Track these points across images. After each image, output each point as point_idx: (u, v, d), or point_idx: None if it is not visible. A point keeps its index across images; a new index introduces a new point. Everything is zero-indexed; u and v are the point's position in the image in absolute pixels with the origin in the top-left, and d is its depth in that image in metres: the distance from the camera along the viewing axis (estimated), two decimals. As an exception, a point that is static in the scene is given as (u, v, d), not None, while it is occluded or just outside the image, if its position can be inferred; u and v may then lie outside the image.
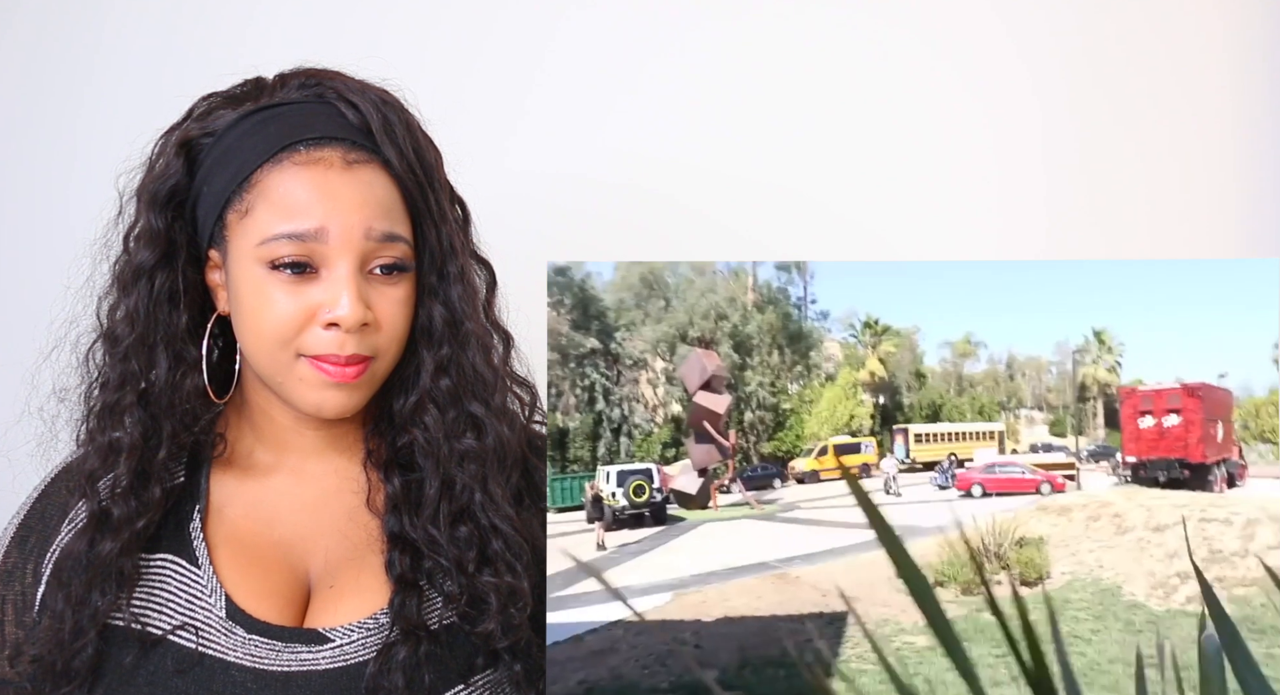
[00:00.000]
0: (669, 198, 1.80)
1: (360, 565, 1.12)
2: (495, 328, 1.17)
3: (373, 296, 1.05)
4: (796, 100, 1.83)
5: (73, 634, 1.03)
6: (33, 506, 1.13)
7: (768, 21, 1.83)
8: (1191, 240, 1.84)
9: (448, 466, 1.10)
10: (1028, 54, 1.84)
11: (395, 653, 1.06)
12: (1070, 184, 1.84)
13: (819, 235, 1.83)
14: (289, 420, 1.13)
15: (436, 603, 1.11)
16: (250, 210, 1.04)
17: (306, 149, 1.03)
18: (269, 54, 1.15)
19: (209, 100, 1.11)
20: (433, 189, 1.09)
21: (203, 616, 1.07)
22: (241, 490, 1.14)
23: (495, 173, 1.52)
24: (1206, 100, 1.84)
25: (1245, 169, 1.84)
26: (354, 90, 1.07)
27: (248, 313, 1.05)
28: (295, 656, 1.06)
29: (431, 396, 1.11)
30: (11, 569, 1.10)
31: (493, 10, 1.81)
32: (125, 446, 1.06)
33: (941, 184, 1.83)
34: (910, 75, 1.83)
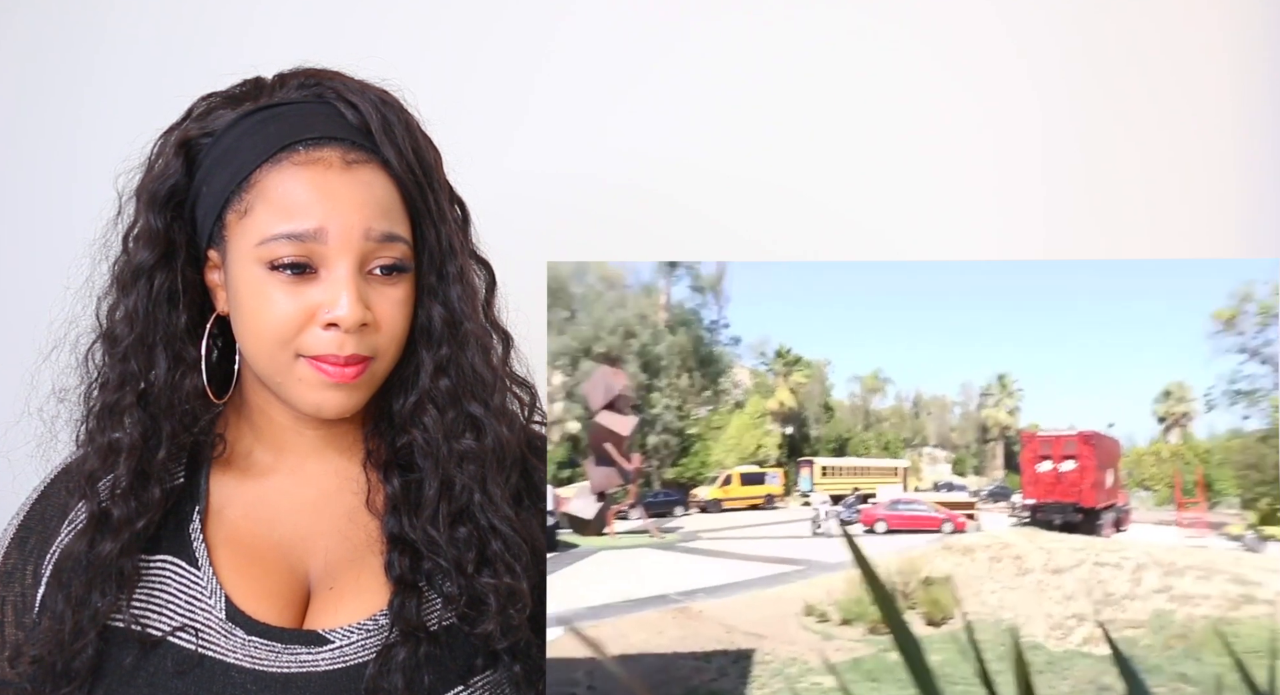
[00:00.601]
0: (669, 198, 1.79)
1: (360, 566, 1.12)
2: (495, 328, 1.17)
3: (372, 297, 1.05)
4: (797, 100, 1.83)
5: (73, 635, 1.03)
6: (32, 507, 1.13)
7: (768, 22, 1.83)
8: (1191, 240, 1.84)
9: (447, 467, 1.10)
10: (1028, 54, 1.84)
11: (395, 654, 1.06)
12: (1070, 184, 1.84)
13: (819, 235, 1.83)
14: (288, 420, 1.13)
15: (436, 604, 1.11)
16: (249, 210, 1.04)
17: (306, 149, 1.03)
18: (269, 54, 1.15)
19: (208, 100, 1.11)
20: (432, 189, 1.09)
21: (202, 618, 1.07)
22: (241, 491, 1.14)
23: (495, 173, 1.52)
24: (1206, 100, 1.84)
25: (1245, 169, 1.84)
26: (353, 90, 1.07)
27: (247, 313, 1.05)
28: (295, 658, 1.06)
29: (431, 397, 1.11)
30: (11, 570, 1.10)
31: (493, 10, 1.81)
32: (125, 447, 1.06)
33: (942, 184, 1.83)
34: (911, 76, 1.83)
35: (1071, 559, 1.51)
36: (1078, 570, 1.47)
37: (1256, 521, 1.44)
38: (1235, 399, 1.45)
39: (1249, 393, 1.41)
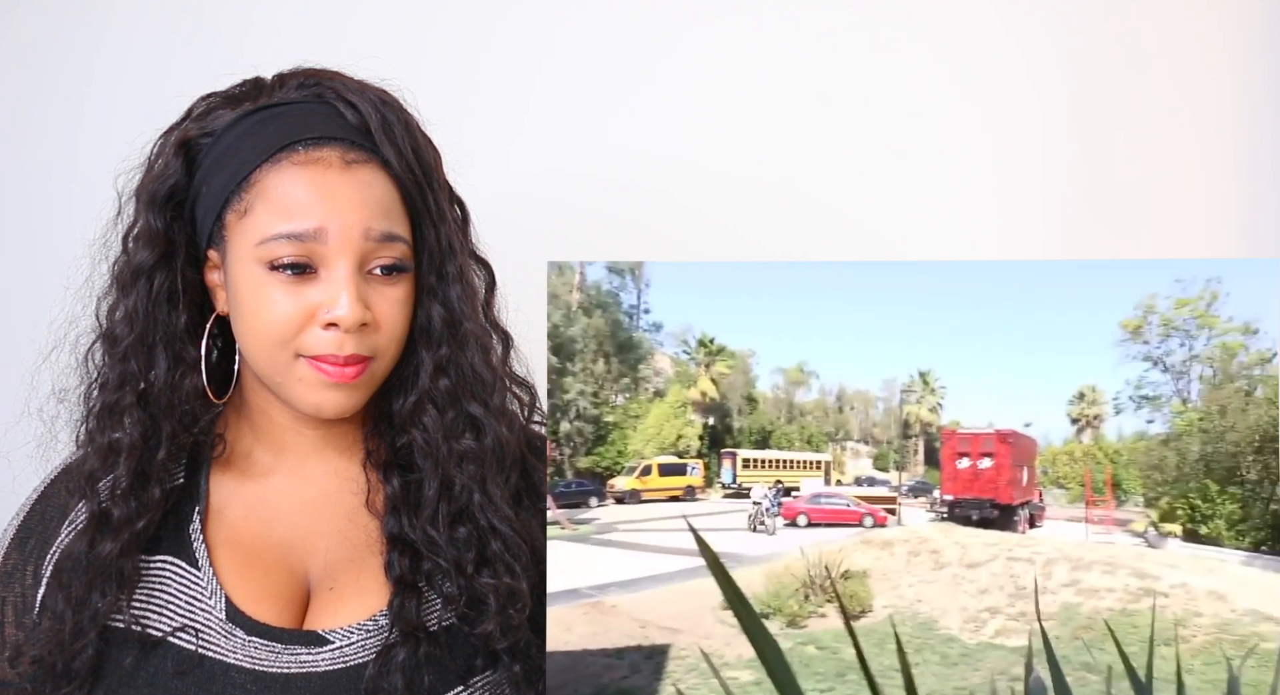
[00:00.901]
0: (670, 198, 1.79)
1: (360, 567, 1.12)
2: (494, 328, 1.17)
3: (372, 297, 1.05)
4: (797, 101, 1.83)
5: (73, 635, 1.03)
6: (32, 508, 1.13)
7: (768, 22, 1.83)
8: (1192, 240, 1.84)
9: (447, 467, 1.10)
10: (1028, 54, 1.84)
11: (394, 654, 1.06)
12: (1070, 184, 1.84)
13: (820, 235, 1.83)
14: (288, 420, 1.13)
15: (436, 604, 1.11)
16: (249, 210, 1.04)
17: (305, 149, 1.03)
18: (268, 54, 1.15)
19: (208, 100, 1.11)
20: (432, 189, 1.09)
21: (203, 618, 1.07)
22: (241, 491, 1.14)
23: (495, 172, 1.52)
24: (1206, 100, 1.84)
25: (1245, 169, 1.84)
26: (353, 90, 1.07)
27: (247, 313, 1.05)
28: (295, 658, 1.06)
29: (430, 397, 1.11)
30: (11, 570, 1.10)
31: (493, 10, 1.81)
32: (125, 447, 1.06)
33: (942, 184, 1.83)
34: (911, 76, 1.83)
35: (986, 554, 1.55)
36: (992, 565, 1.52)
37: (1157, 519, 1.56)
38: (1140, 404, 1.55)
39: (1153, 399, 1.53)
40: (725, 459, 2.79)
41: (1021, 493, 1.74)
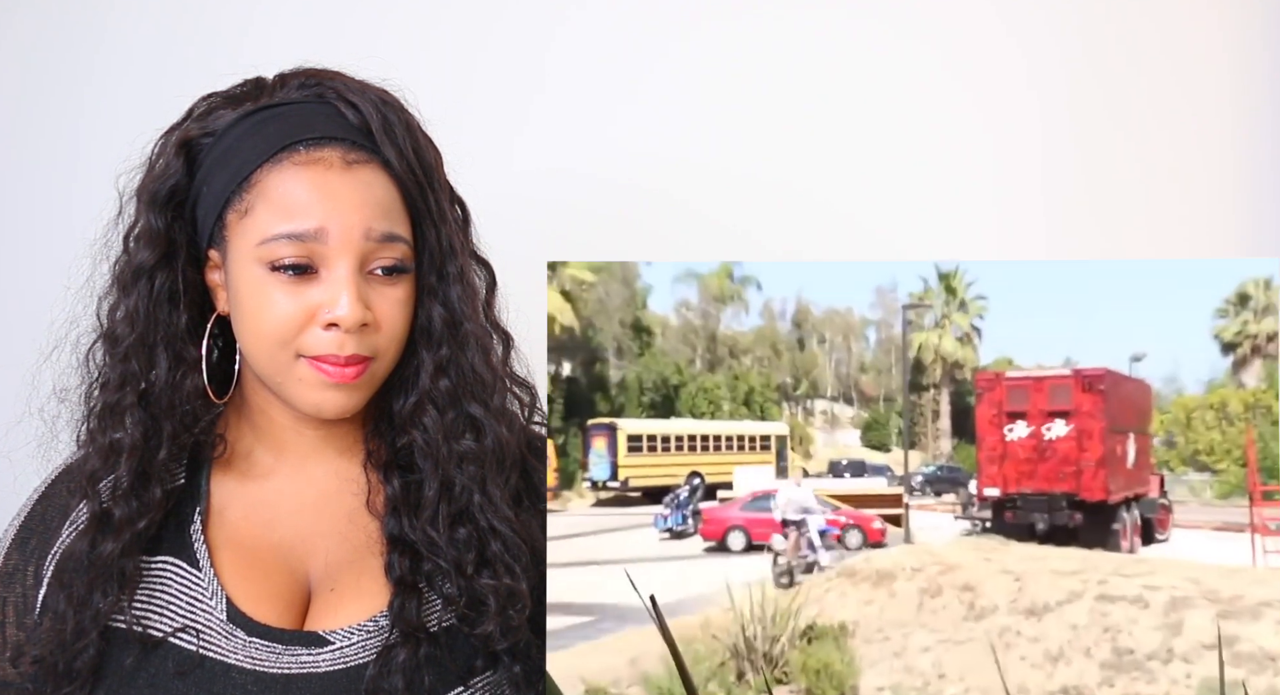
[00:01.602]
0: (671, 198, 1.80)
1: (360, 567, 1.12)
2: (495, 328, 1.17)
3: (372, 297, 1.05)
4: (798, 101, 1.83)
5: (74, 635, 1.03)
6: (33, 508, 1.13)
7: (769, 22, 1.83)
8: (1192, 240, 1.84)
9: (447, 468, 1.10)
10: (1028, 55, 1.84)
11: (395, 655, 1.06)
12: (1070, 184, 1.84)
13: (820, 235, 1.83)
14: (288, 420, 1.13)
15: (436, 605, 1.11)
16: (250, 210, 1.04)
17: (306, 149, 1.03)
18: (269, 54, 1.15)
19: (209, 100, 1.11)
20: (432, 189, 1.09)
21: (204, 619, 1.07)
22: (242, 492, 1.14)
23: (496, 172, 1.52)
24: (1206, 100, 1.84)
25: (1245, 169, 1.84)
26: (354, 90, 1.07)
27: (247, 313, 1.05)
28: (295, 659, 1.06)
29: (430, 397, 1.11)
30: (12, 571, 1.10)
31: (493, 10, 1.81)
32: (126, 447, 1.06)
33: (943, 184, 1.83)
34: (911, 76, 1.83)
35: (1060, 591, 0.92)
36: (1072, 609, 0.90)
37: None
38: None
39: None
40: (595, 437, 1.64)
41: (1125, 481, 1.00)
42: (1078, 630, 0.86)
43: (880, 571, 1.01)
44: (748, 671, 0.86)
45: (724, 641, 0.87)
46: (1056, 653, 0.84)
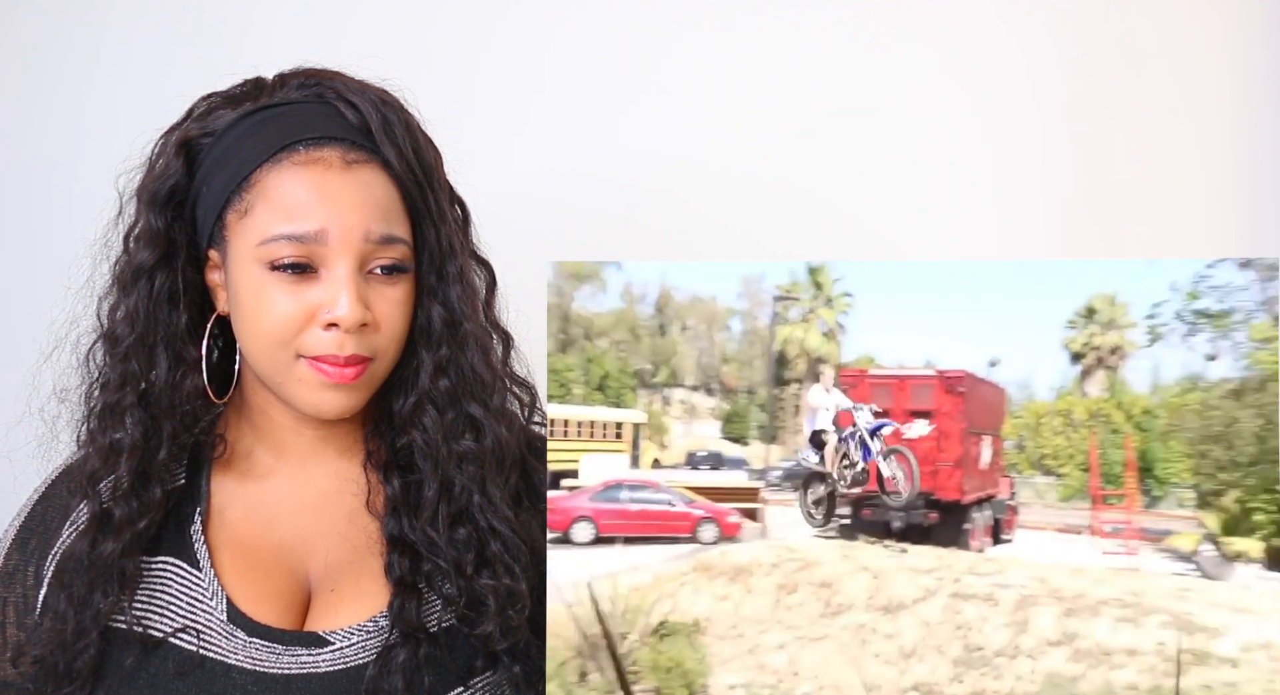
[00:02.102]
0: (672, 198, 1.80)
1: (360, 568, 1.12)
2: (495, 328, 1.17)
3: (372, 297, 1.05)
4: (798, 101, 1.83)
5: (75, 634, 1.04)
6: (34, 508, 1.13)
7: (769, 22, 1.83)
8: (1191, 240, 1.84)
9: (446, 468, 1.10)
10: (1028, 55, 1.84)
11: (395, 655, 1.06)
12: (1070, 184, 1.84)
13: (820, 235, 1.83)
14: (288, 421, 1.13)
15: (436, 605, 1.11)
16: (250, 210, 1.04)
17: (306, 149, 1.04)
18: (269, 54, 1.15)
19: (209, 100, 1.11)
20: (432, 189, 1.09)
21: (204, 619, 1.07)
22: (242, 492, 1.14)
23: (496, 172, 1.52)
24: (1206, 100, 1.84)
25: (1245, 169, 1.84)
26: (353, 90, 1.07)
27: (247, 313, 1.05)
28: (296, 659, 1.07)
29: (430, 397, 1.11)
30: (13, 571, 1.10)
31: (493, 10, 1.81)
32: (126, 447, 1.06)
33: (943, 184, 1.83)
34: (911, 76, 1.83)
35: (916, 588, 0.95)
36: (927, 607, 0.93)
37: (1218, 530, 0.94)
38: (1196, 326, 0.86)
39: (1218, 316, 0.81)
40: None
41: (979, 482, 1.12)
42: (931, 627, 0.91)
43: (737, 567, 1.03)
44: (591, 671, 0.88)
45: (566, 639, 0.88)
46: (910, 650, 0.89)
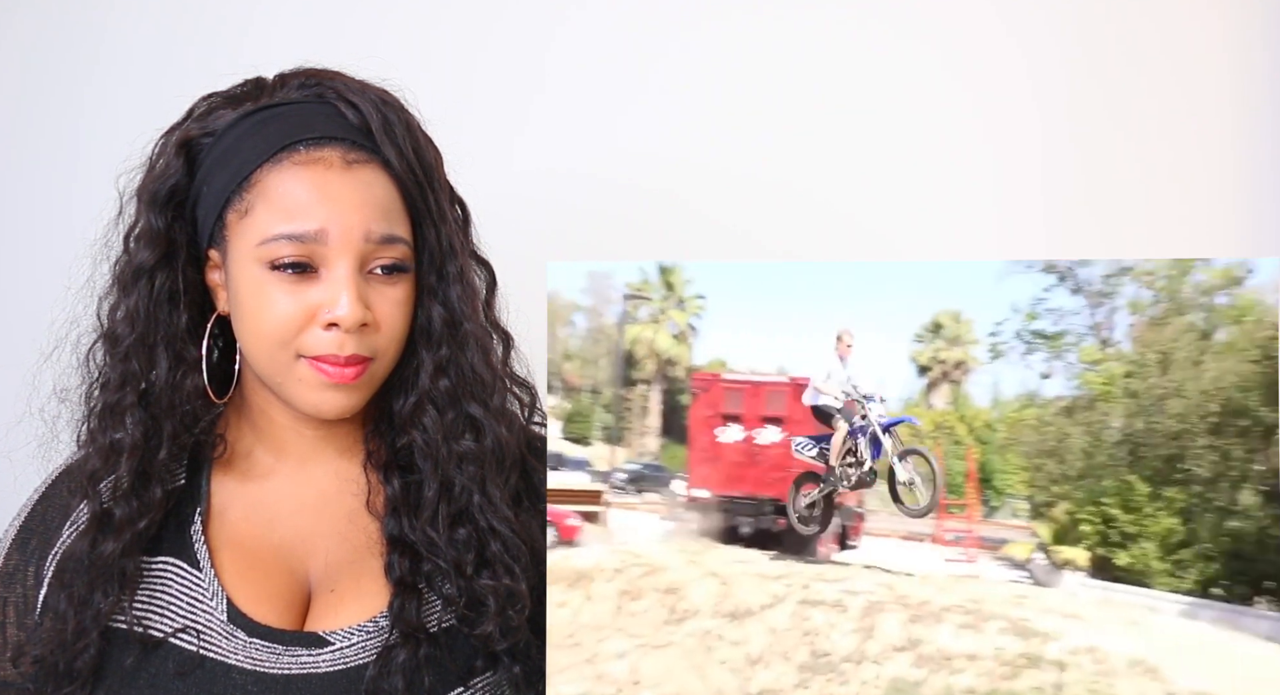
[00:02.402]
0: (672, 198, 1.80)
1: (360, 568, 1.12)
2: (495, 328, 1.17)
3: (372, 297, 1.05)
4: (798, 101, 1.83)
5: (75, 634, 1.04)
6: (34, 508, 1.13)
7: (769, 22, 1.83)
8: (1191, 240, 1.84)
9: (446, 468, 1.10)
10: (1028, 55, 1.84)
11: (395, 655, 1.07)
12: (1070, 184, 1.84)
13: (820, 235, 1.83)
14: (288, 421, 1.13)
15: (436, 605, 1.11)
16: (250, 210, 1.04)
17: (306, 149, 1.04)
18: (269, 54, 1.15)
19: (209, 100, 1.11)
20: (432, 189, 1.09)
21: (204, 620, 1.07)
22: (242, 492, 1.14)
23: (496, 173, 1.52)
24: (1206, 100, 1.84)
25: (1245, 169, 1.84)
26: (354, 90, 1.07)
27: (247, 313, 1.05)
28: (296, 660, 1.07)
29: (430, 397, 1.11)
30: (13, 571, 1.10)
31: (494, 10, 1.81)
32: (126, 447, 1.06)
33: (943, 184, 1.83)
34: (911, 76, 1.83)
35: (765, 595, 0.95)
36: (774, 614, 0.92)
37: (1050, 539, 0.98)
38: (1033, 345, 0.92)
39: (1052, 337, 0.89)
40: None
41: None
42: (778, 634, 0.91)
43: (578, 571, 1.01)
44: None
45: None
46: (757, 656, 0.89)
